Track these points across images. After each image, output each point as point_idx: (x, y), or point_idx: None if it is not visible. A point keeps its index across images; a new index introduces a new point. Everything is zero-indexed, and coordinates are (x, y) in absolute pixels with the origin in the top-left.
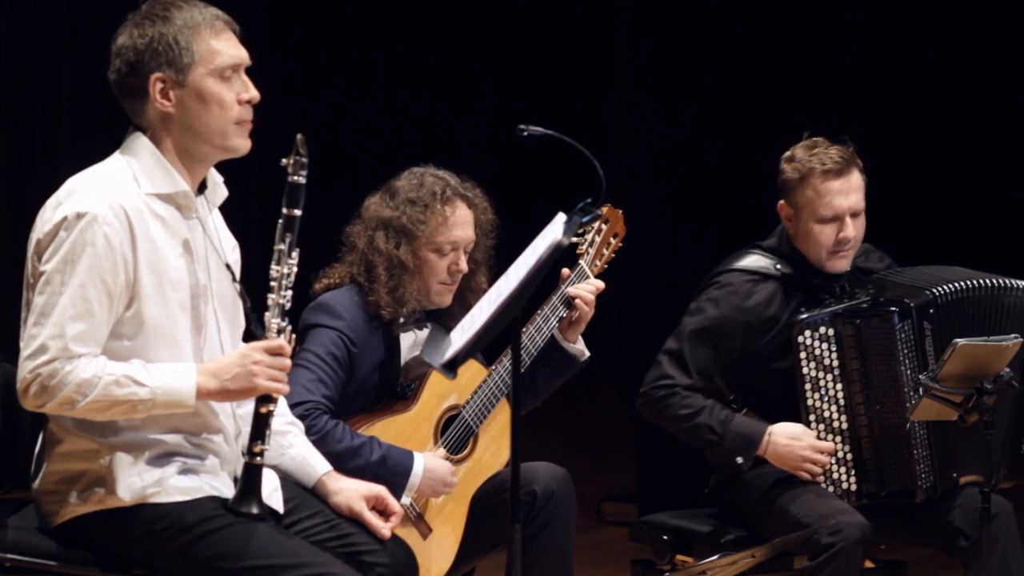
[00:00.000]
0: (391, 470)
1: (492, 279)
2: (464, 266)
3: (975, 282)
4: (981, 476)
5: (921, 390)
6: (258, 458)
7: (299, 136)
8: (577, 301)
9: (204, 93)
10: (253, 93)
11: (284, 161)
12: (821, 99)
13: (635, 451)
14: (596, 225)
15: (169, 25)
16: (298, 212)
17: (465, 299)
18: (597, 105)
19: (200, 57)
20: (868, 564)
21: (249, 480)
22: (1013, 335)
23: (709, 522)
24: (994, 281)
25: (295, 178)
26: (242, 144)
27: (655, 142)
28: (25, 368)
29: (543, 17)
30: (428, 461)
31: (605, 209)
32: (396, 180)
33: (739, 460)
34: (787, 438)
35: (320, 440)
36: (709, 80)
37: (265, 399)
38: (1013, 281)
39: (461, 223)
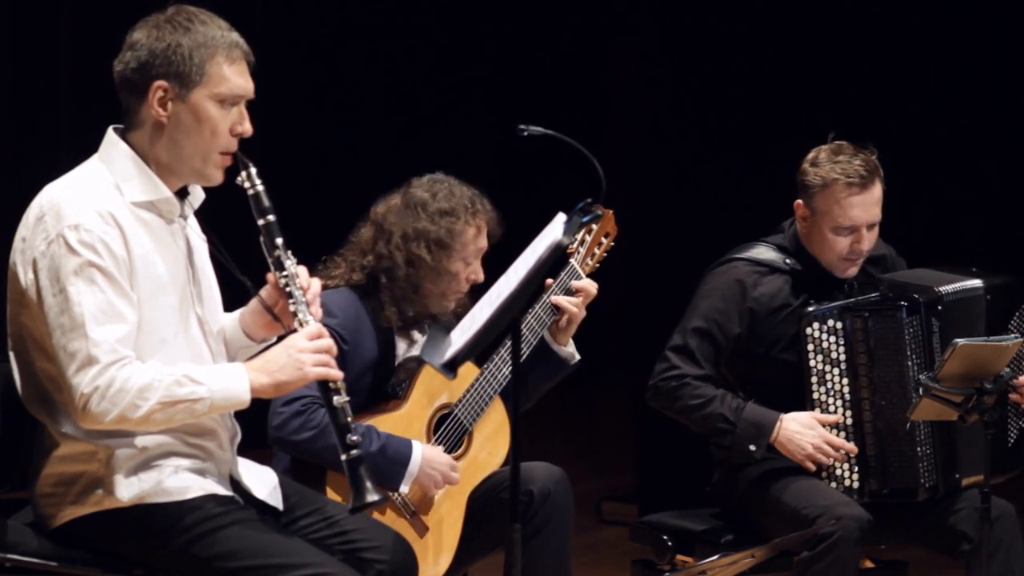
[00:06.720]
0: (390, 459)
1: (492, 280)
2: (480, 275)
3: (977, 282)
4: (982, 477)
5: (921, 390)
6: (354, 451)
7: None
8: (564, 304)
9: (201, 114)
10: (247, 127)
11: (239, 179)
12: (821, 100)
13: (635, 451)
14: None
15: (188, 37)
16: (272, 217)
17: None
18: (597, 105)
19: (208, 79)
20: (868, 564)
21: (352, 476)
22: (1013, 335)
23: (709, 522)
24: (993, 281)
25: (256, 189)
26: (216, 175)
27: (655, 140)
28: (80, 384)
29: (544, 16)
30: (427, 451)
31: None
32: (415, 188)
33: (752, 448)
34: (799, 425)
35: (319, 435)
36: (710, 80)
37: (331, 392)
38: (999, 279)
39: (484, 234)
